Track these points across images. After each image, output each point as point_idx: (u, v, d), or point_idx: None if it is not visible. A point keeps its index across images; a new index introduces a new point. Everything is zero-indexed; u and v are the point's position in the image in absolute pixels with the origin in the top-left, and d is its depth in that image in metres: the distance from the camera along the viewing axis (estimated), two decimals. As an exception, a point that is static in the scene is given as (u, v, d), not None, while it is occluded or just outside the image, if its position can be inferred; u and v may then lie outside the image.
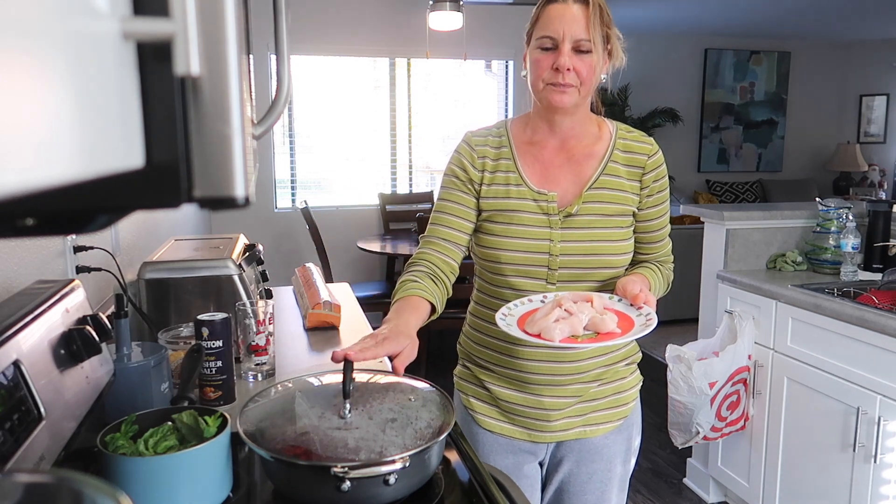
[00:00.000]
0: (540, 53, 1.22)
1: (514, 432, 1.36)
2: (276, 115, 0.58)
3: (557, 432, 1.35)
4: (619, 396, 1.38)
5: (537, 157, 1.31)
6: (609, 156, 1.31)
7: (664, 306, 5.93)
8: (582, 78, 1.21)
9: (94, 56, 0.29)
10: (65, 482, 0.51)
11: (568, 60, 1.19)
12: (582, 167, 1.30)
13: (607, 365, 1.35)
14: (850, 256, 2.42)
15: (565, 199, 1.28)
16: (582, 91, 1.23)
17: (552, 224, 1.27)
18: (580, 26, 1.19)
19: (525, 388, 1.33)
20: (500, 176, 1.30)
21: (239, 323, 1.43)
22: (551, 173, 1.30)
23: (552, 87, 1.22)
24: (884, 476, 1.98)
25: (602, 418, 1.37)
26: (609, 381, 1.37)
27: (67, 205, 0.33)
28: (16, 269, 1.09)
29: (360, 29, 4.85)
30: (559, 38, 1.20)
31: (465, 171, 1.31)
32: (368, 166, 5.14)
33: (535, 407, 1.33)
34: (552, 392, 1.32)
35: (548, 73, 1.22)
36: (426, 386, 1.09)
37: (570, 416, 1.35)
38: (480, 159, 1.31)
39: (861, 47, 7.49)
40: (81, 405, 0.90)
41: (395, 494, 0.90)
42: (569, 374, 1.31)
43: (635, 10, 5.85)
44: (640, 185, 1.31)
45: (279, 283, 2.64)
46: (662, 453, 3.16)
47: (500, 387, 1.36)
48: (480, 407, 1.39)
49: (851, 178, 7.42)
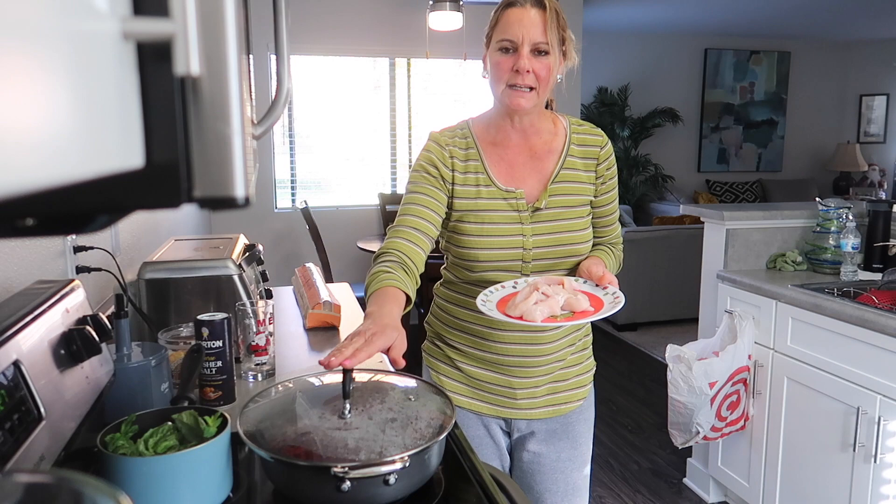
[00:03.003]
0: (500, 56, 1.29)
1: (483, 408, 1.46)
2: (276, 115, 0.58)
3: (524, 409, 1.44)
4: (579, 378, 1.49)
5: (502, 156, 1.39)
6: (566, 150, 1.39)
7: (664, 306, 5.89)
8: (540, 79, 1.28)
9: (94, 56, 0.29)
10: (65, 482, 0.51)
11: (527, 62, 1.26)
12: (543, 163, 1.38)
13: (570, 345, 1.46)
14: (850, 256, 2.42)
15: (532, 195, 1.37)
16: (540, 92, 1.30)
17: (523, 220, 1.35)
18: (538, 30, 1.26)
19: (497, 369, 1.43)
20: (471, 177, 1.37)
21: (239, 323, 1.43)
22: (517, 171, 1.38)
23: (511, 90, 1.29)
24: (884, 476, 1.98)
25: (565, 398, 1.47)
26: (573, 364, 1.48)
27: (67, 205, 0.33)
28: (16, 269, 1.09)
29: (360, 29, 4.85)
30: (518, 41, 1.26)
31: (437, 167, 1.36)
32: (368, 166, 5.14)
33: (505, 385, 1.43)
34: (522, 373, 1.42)
35: (508, 74, 1.28)
36: (426, 386, 1.09)
37: (536, 395, 1.44)
38: (450, 158, 1.37)
39: (861, 47, 7.49)
40: (81, 405, 0.90)
41: (395, 494, 0.90)
42: (539, 355, 1.41)
43: (635, 10, 5.85)
44: (595, 175, 1.40)
45: (279, 283, 2.64)
46: (662, 453, 3.17)
47: (471, 366, 1.45)
48: (450, 384, 1.48)
49: (851, 178, 7.42)
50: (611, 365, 4.28)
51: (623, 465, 3.08)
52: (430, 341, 1.54)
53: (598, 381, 1.68)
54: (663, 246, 4.91)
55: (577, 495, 1.51)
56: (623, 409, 3.66)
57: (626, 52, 6.94)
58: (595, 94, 6.88)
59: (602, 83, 6.89)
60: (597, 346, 1.61)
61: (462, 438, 1.13)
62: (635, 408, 3.69)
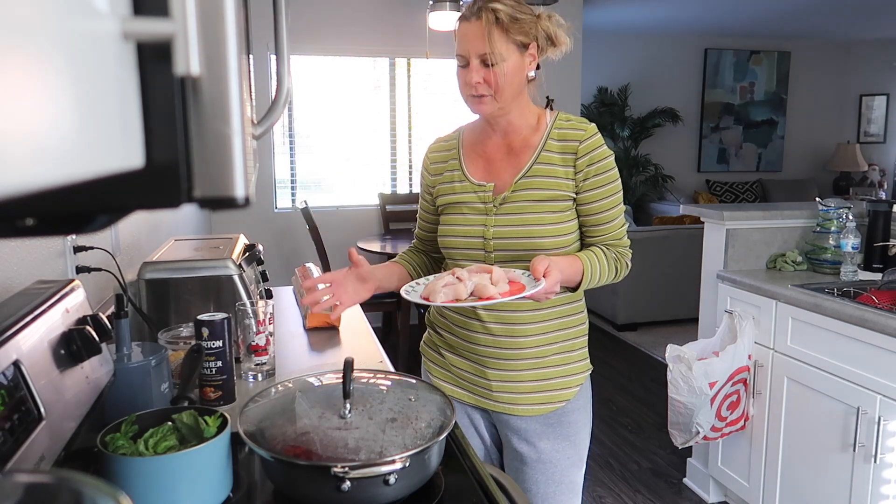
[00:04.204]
0: (459, 70, 1.36)
1: (464, 396, 1.51)
2: (276, 115, 0.58)
3: (502, 403, 1.47)
4: (565, 380, 1.47)
5: (481, 154, 1.47)
6: (543, 145, 1.41)
7: (664, 306, 5.88)
8: (493, 86, 1.32)
9: (94, 56, 0.29)
10: (65, 482, 0.51)
11: (475, 75, 1.31)
12: (519, 158, 1.42)
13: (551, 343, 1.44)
14: (850, 256, 2.42)
15: (502, 188, 1.42)
16: (499, 97, 1.33)
17: (487, 211, 1.41)
18: (480, 42, 1.29)
19: (472, 359, 1.48)
20: (447, 175, 1.49)
21: (239, 323, 1.43)
22: (493, 167, 1.44)
23: (472, 98, 1.35)
24: (884, 476, 1.98)
25: (548, 398, 1.46)
26: (557, 364, 1.46)
27: (67, 205, 0.33)
28: (16, 269, 1.09)
29: (360, 29, 4.85)
30: (467, 56, 1.32)
31: (423, 178, 1.56)
32: (368, 166, 5.14)
33: (479, 375, 1.48)
34: (496, 364, 1.45)
35: (465, 87, 1.35)
36: (426, 386, 1.09)
37: (516, 391, 1.46)
38: (433, 164, 1.52)
39: (861, 47, 7.49)
40: (81, 405, 0.90)
41: (395, 494, 0.91)
42: (513, 348, 1.43)
43: (635, 10, 5.85)
44: (574, 170, 1.39)
45: (279, 283, 2.64)
46: (662, 453, 3.17)
47: (452, 354, 1.52)
48: (437, 371, 1.56)
49: (851, 178, 7.42)
50: (611, 365, 4.28)
51: (623, 465, 3.08)
52: (427, 332, 1.62)
53: (599, 381, 1.68)
54: (663, 246, 4.91)
55: (565, 496, 1.50)
56: (623, 409, 3.66)
57: (626, 52, 6.94)
58: (595, 94, 6.88)
59: (602, 83, 6.89)
60: (597, 345, 1.61)
61: (462, 438, 1.14)
62: (635, 408, 3.69)
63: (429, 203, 1.55)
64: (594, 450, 3.16)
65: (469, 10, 1.32)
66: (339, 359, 1.50)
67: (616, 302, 4.89)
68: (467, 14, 1.32)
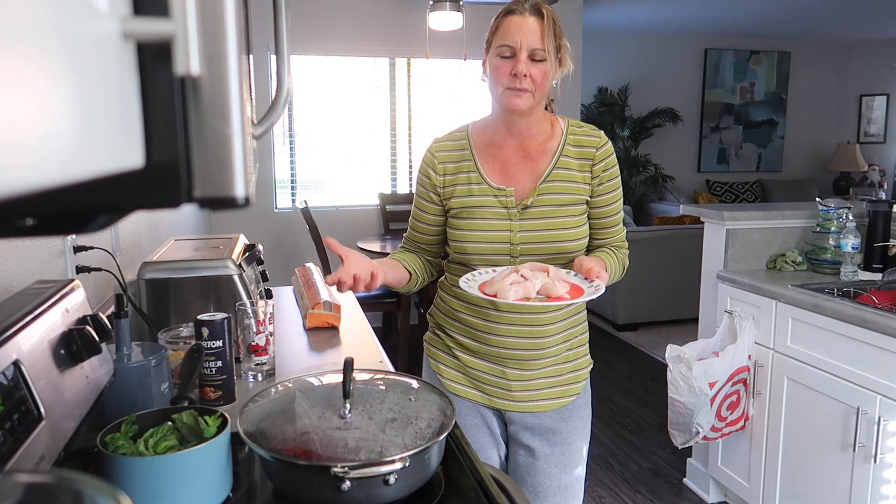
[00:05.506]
0: (499, 61, 1.35)
1: (478, 397, 1.51)
2: (276, 115, 0.58)
3: (518, 402, 1.49)
4: (574, 374, 1.52)
5: (496, 156, 1.45)
6: (561, 151, 1.44)
7: (664, 306, 5.88)
8: (536, 83, 1.34)
9: (94, 56, 0.29)
10: (65, 482, 0.51)
11: (524, 67, 1.33)
12: (537, 163, 1.44)
13: (566, 341, 1.49)
14: (850, 256, 2.42)
15: (523, 193, 1.43)
16: (536, 95, 1.36)
17: (511, 216, 1.41)
18: (536, 37, 1.33)
19: (493, 361, 1.48)
20: (462, 177, 1.45)
21: (239, 323, 1.43)
22: (510, 171, 1.44)
23: (510, 91, 1.35)
24: (884, 476, 1.98)
25: (560, 393, 1.51)
26: (568, 360, 1.51)
27: (67, 205, 0.33)
28: (16, 269, 1.09)
29: (360, 29, 4.85)
30: (517, 47, 1.33)
31: (429, 177, 1.49)
32: (368, 166, 5.14)
33: (500, 377, 1.48)
34: (519, 365, 1.46)
35: (507, 78, 1.35)
36: (426, 386, 1.09)
37: (531, 388, 1.48)
38: (441, 164, 1.48)
39: (861, 47, 7.49)
40: (81, 405, 0.90)
41: (395, 494, 0.91)
42: (536, 349, 1.45)
43: (635, 11, 5.85)
44: (591, 175, 1.44)
45: (279, 283, 2.64)
46: (662, 453, 3.17)
47: (469, 356, 1.51)
48: (448, 372, 1.54)
49: (851, 178, 7.42)
50: (611, 365, 4.28)
51: (623, 465, 3.08)
52: (432, 331, 1.61)
53: (599, 380, 1.69)
54: (663, 246, 4.91)
55: (568, 494, 1.54)
56: (623, 409, 3.66)
57: (626, 52, 6.94)
58: (595, 95, 6.88)
59: (602, 83, 6.89)
60: (597, 345, 1.62)
61: (462, 438, 1.14)
62: (635, 408, 3.68)
63: (433, 204, 1.49)
64: (594, 450, 3.16)
65: (520, 6, 1.35)
66: (339, 359, 1.50)
67: (616, 302, 4.89)
68: (519, 9, 1.35)
